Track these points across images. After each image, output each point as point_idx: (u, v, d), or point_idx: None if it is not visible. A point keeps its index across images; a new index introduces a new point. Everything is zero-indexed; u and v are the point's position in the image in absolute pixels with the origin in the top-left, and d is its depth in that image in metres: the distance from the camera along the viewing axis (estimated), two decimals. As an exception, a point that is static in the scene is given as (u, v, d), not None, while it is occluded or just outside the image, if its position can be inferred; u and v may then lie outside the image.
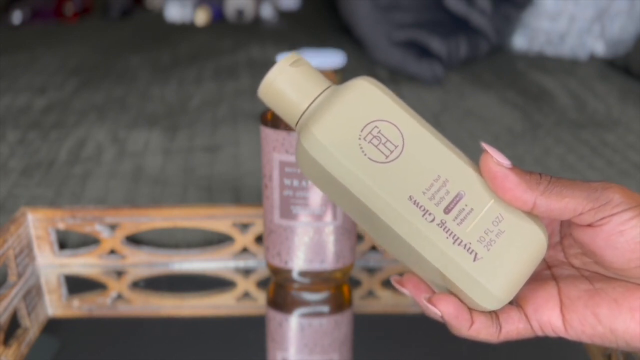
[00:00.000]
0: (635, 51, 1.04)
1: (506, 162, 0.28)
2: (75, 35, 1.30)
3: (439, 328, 0.32)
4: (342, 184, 0.29)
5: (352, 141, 0.29)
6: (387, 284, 0.53)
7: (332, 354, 0.44)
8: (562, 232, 0.32)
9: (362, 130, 0.29)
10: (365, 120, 0.29)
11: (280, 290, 0.48)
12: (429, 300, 0.30)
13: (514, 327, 0.30)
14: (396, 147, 0.29)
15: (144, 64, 1.09)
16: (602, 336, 0.28)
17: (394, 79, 1.01)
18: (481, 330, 0.29)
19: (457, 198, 0.29)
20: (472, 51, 1.06)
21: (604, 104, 0.90)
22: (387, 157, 0.29)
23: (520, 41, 1.16)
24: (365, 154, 0.29)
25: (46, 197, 0.63)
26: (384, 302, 0.51)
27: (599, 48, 1.11)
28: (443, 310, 0.29)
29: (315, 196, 0.44)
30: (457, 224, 0.28)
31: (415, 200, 0.28)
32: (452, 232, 0.28)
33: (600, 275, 0.30)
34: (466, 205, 0.28)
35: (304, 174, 0.31)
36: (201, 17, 1.39)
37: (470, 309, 0.29)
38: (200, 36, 1.28)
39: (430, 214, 0.28)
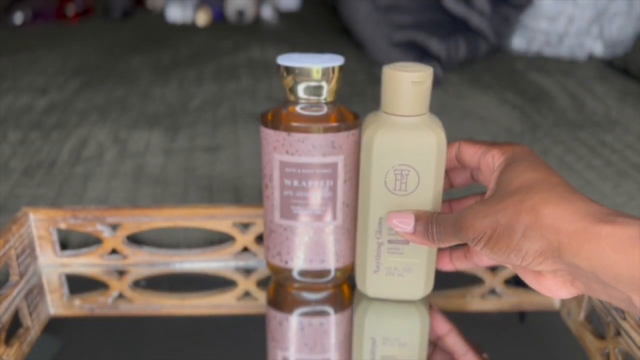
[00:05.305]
0: (634, 52, 1.04)
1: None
2: (76, 35, 1.30)
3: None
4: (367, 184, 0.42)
5: (384, 171, 0.41)
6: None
7: (332, 353, 0.44)
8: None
9: (389, 170, 0.41)
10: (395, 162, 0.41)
11: (280, 290, 0.49)
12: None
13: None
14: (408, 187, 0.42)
15: (145, 65, 1.09)
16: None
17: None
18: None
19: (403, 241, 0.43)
20: (471, 52, 1.06)
21: (603, 105, 0.90)
22: (402, 190, 0.42)
23: (519, 42, 1.16)
24: (387, 187, 0.42)
25: (48, 197, 0.63)
26: (384, 301, 0.51)
27: (598, 49, 1.11)
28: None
29: (315, 196, 0.44)
30: (387, 252, 0.44)
31: (381, 222, 0.43)
32: (380, 253, 0.44)
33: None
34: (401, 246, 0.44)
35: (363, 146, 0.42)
36: (202, 17, 1.39)
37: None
38: (200, 37, 1.28)
39: (380, 235, 0.43)
